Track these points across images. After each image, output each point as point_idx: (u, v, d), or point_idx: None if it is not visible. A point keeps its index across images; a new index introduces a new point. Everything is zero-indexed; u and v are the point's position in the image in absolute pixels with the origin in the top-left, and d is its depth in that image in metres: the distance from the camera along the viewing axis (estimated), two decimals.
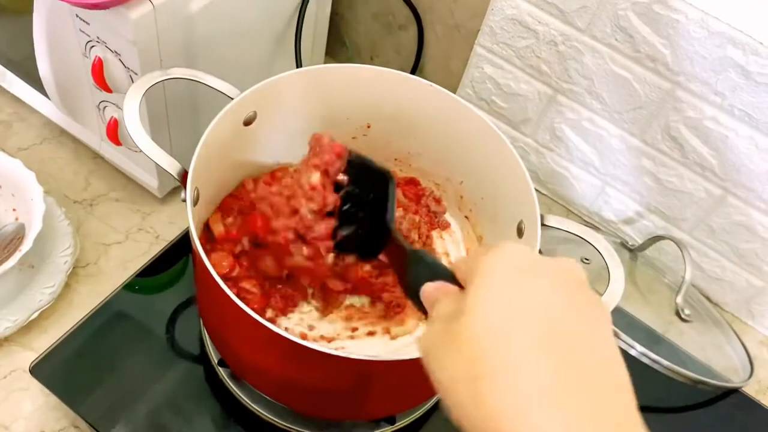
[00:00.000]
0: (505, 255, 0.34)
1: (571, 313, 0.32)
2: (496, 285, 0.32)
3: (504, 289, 0.32)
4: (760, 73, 0.63)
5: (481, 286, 0.33)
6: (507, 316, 0.31)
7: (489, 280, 0.33)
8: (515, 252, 0.34)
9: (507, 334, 0.31)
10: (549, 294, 0.32)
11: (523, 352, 0.30)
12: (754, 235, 0.74)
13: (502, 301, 0.32)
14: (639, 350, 0.69)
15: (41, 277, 0.68)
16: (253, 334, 0.51)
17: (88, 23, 0.60)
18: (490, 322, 0.31)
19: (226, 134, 0.57)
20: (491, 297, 0.32)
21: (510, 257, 0.34)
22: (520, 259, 0.33)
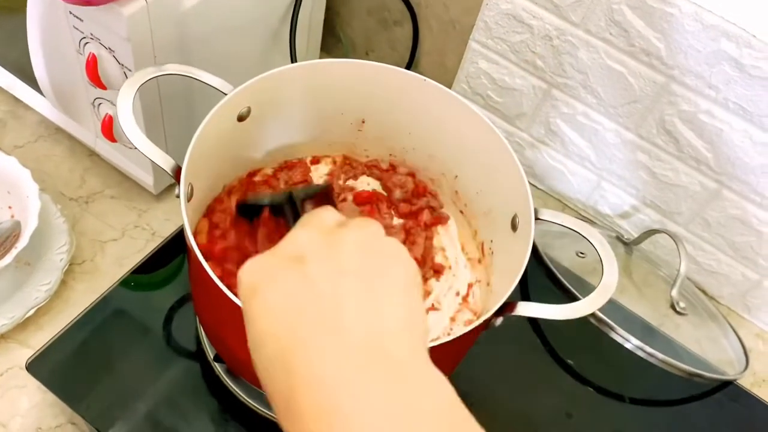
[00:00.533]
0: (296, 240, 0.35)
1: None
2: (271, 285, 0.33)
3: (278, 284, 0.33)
4: (753, 65, 0.63)
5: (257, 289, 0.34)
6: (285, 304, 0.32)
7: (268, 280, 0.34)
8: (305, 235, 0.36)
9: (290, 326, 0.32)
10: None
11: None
12: (749, 228, 0.74)
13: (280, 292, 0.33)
14: (634, 343, 0.69)
15: (37, 274, 0.68)
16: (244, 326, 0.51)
17: (81, 20, 0.60)
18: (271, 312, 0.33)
19: (220, 130, 0.57)
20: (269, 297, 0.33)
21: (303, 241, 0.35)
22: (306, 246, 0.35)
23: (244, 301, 0.34)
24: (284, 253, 0.35)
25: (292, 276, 0.33)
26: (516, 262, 0.53)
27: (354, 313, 0.32)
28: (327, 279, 0.33)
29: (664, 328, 0.74)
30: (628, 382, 0.72)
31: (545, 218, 0.56)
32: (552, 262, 0.75)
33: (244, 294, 0.34)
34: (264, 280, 0.33)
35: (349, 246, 0.34)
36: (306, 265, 0.33)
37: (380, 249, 0.35)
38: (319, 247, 0.34)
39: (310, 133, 0.68)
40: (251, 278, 0.34)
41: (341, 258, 0.34)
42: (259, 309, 0.33)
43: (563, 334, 0.74)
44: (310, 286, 0.32)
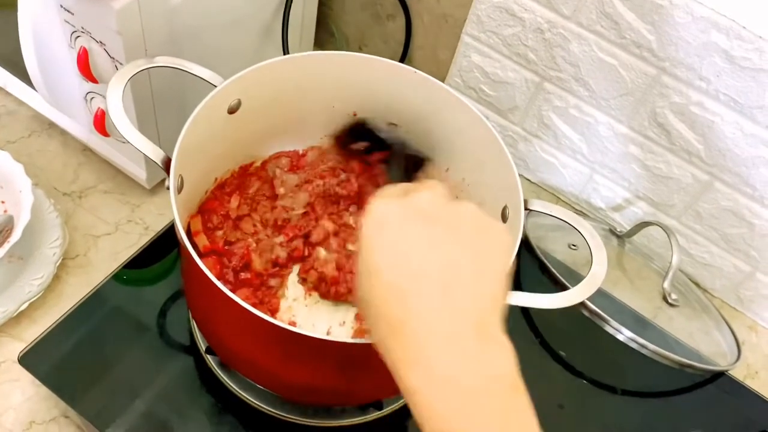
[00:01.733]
0: (399, 205, 0.39)
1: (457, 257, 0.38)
2: (385, 232, 0.38)
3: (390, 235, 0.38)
4: (744, 57, 0.64)
5: (372, 230, 0.39)
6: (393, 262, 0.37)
7: (380, 228, 0.39)
8: (411, 201, 0.39)
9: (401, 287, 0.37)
10: (436, 240, 0.38)
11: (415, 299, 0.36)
12: (741, 221, 0.74)
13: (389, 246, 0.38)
14: (627, 335, 0.69)
15: (30, 268, 0.68)
16: (239, 320, 0.51)
17: (72, 13, 0.60)
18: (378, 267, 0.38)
19: (210, 122, 0.57)
20: (379, 242, 0.38)
21: (404, 206, 0.39)
22: (413, 208, 0.39)
23: (369, 230, 0.38)
24: (412, 205, 0.39)
25: (420, 230, 0.38)
26: None
27: (462, 283, 0.36)
28: (446, 246, 0.37)
29: (656, 320, 0.74)
30: (620, 374, 0.72)
31: (535, 209, 0.56)
32: (544, 254, 0.75)
33: (371, 224, 0.39)
34: (394, 220, 0.38)
35: (467, 219, 0.39)
36: (432, 225, 0.38)
37: (490, 227, 0.40)
38: (444, 213, 0.39)
39: (302, 125, 0.68)
40: (382, 214, 0.39)
41: (461, 229, 0.38)
42: (381, 244, 0.38)
43: (556, 326, 0.74)
44: (430, 246, 0.37)
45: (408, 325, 0.35)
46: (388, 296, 0.37)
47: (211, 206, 0.64)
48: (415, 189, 0.41)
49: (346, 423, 0.63)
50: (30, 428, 0.62)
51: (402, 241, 0.37)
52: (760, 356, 0.78)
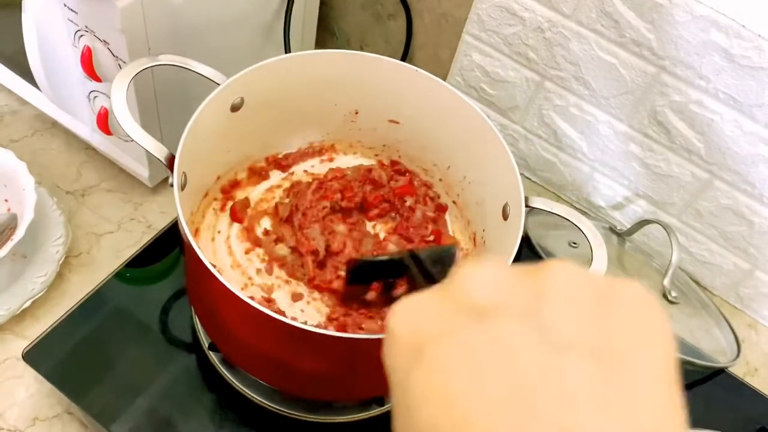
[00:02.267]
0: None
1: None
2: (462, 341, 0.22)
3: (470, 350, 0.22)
4: (743, 56, 0.64)
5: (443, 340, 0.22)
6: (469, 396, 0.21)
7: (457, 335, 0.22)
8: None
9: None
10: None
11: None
12: (740, 219, 0.74)
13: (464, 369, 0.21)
14: None
15: (33, 266, 0.68)
16: (242, 317, 0.51)
17: (75, 12, 0.60)
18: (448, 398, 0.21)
19: (213, 120, 0.57)
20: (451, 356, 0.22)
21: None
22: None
23: (401, 361, 0.23)
24: (460, 295, 0.23)
25: (480, 337, 0.21)
26: (507, 251, 0.54)
27: (593, 422, 0.19)
28: (540, 349, 0.21)
29: None
30: None
31: (536, 206, 0.56)
32: (545, 252, 0.75)
33: (400, 350, 0.23)
34: (434, 336, 0.22)
35: (564, 292, 0.22)
36: (498, 321, 0.21)
37: (615, 296, 0.23)
38: (512, 292, 0.22)
39: (304, 123, 0.68)
40: (411, 332, 0.23)
41: (557, 315, 0.21)
42: (427, 377, 0.21)
43: None
44: (512, 355, 0.21)
45: None
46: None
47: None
48: (463, 273, 0.24)
49: (348, 419, 0.63)
50: (33, 425, 0.62)
51: (459, 370, 0.21)
52: (759, 354, 0.79)
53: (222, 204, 0.67)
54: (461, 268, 0.24)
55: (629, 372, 0.20)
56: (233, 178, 0.68)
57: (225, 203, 0.67)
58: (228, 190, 0.67)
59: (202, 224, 0.65)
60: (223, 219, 0.66)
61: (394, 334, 0.24)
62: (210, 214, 0.66)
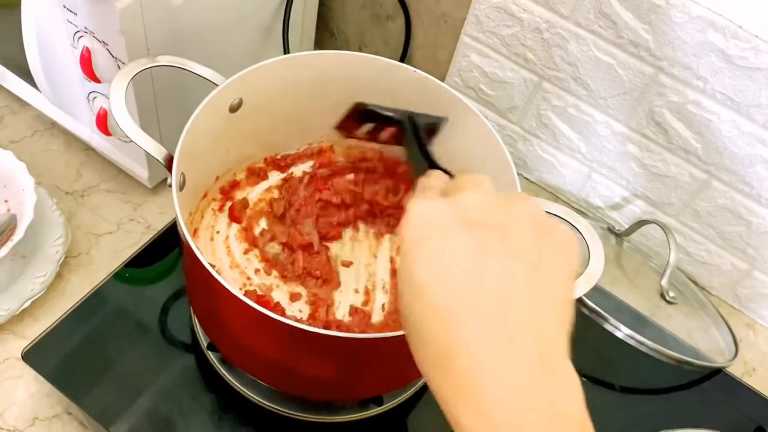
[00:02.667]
0: (457, 205, 0.34)
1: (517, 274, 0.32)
2: (436, 240, 0.33)
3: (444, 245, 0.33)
4: (740, 56, 0.64)
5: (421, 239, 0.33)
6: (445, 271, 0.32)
7: (432, 234, 0.33)
8: (469, 202, 0.34)
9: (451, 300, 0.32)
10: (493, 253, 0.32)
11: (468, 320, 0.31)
12: (738, 219, 0.75)
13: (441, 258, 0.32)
14: (625, 332, 0.69)
15: (33, 266, 0.68)
16: (241, 316, 0.51)
17: (75, 13, 0.61)
18: (429, 271, 0.32)
19: (211, 121, 0.57)
20: (429, 252, 0.33)
21: (462, 208, 0.34)
22: (473, 211, 0.34)
23: (411, 243, 0.33)
24: (458, 209, 0.34)
25: (465, 240, 0.32)
26: None
27: (521, 306, 0.31)
28: (499, 259, 0.32)
29: (655, 317, 0.74)
30: (618, 371, 0.73)
31: None
32: None
33: (411, 236, 0.33)
34: (435, 231, 0.33)
35: (523, 223, 0.33)
36: (480, 233, 0.32)
37: (551, 230, 0.34)
38: (496, 216, 0.33)
39: (302, 124, 0.69)
40: (424, 220, 0.34)
41: (515, 236, 0.33)
42: (423, 258, 0.32)
43: None
44: (481, 259, 0.32)
45: (459, 358, 0.30)
46: (434, 321, 0.31)
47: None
48: (459, 186, 0.35)
49: (346, 419, 0.63)
50: (33, 425, 0.63)
51: (448, 255, 0.32)
52: (757, 354, 0.79)
53: (221, 204, 0.67)
54: (466, 190, 0.35)
55: (548, 279, 0.32)
56: (232, 179, 0.68)
57: (224, 204, 0.67)
58: (227, 190, 0.67)
59: (200, 224, 0.65)
60: (222, 219, 0.67)
61: (409, 221, 0.34)
62: (209, 215, 0.66)
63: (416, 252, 0.33)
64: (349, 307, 0.63)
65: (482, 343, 0.30)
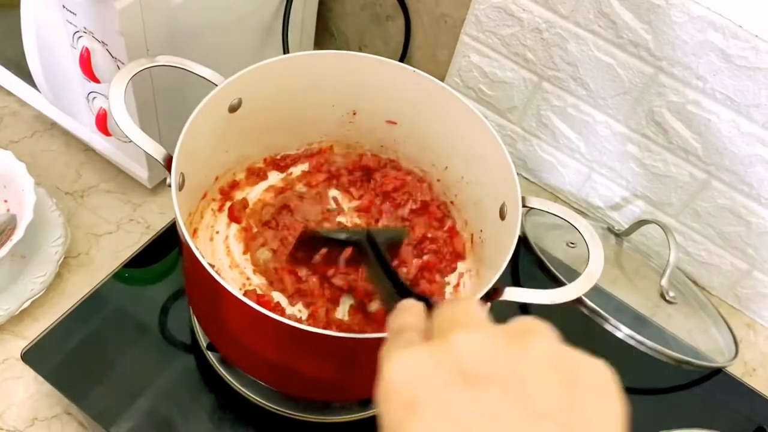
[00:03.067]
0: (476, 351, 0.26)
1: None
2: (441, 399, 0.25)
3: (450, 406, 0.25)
4: (740, 56, 0.64)
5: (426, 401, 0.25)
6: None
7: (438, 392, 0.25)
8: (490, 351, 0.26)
9: None
10: None
11: None
12: (738, 219, 0.75)
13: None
14: (625, 332, 0.69)
15: (32, 267, 0.68)
16: (240, 316, 0.51)
17: (74, 14, 0.61)
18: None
19: (211, 121, 0.58)
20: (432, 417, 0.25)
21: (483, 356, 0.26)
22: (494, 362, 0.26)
23: (397, 416, 0.26)
24: (451, 359, 0.26)
25: (468, 406, 0.24)
26: (504, 250, 0.54)
27: None
28: (520, 419, 0.24)
29: (655, 317, 0.74)
30: (618, 371, 0.71)
31: (532, 206, 0.56)
32: (543, 252, 0.75)
33: (394, 405, 0.26)
34: (429, 393, 0.25)
35: (543, 368, 0.26)
36: (487, 392, 0.25)
37: (579, 372, 0.26)
38: (502, 366, 0.26)
39: (302, 124, 0.69)
40: (405, 386, 0.26)
41: (535, 389, 0.25)
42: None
43: (555, 323, 0.74)
44: (496, 422, 0.24)
45: None
46: None
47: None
48: (446, 324, 0.28)
49: (346, 419, 0.63)
50: (33, 425, 0.63)
51: (445, 427, 0.24)
52: (757, 354, 0.79)
53: (220, 204, 0.67)
54: (457, 333, 0.27)
55: (587, 426, 0.24)
56: (232, 179, 0.68)
57: (223, 204, 0.67)
58: (227, 190, 0.67)
59: (200, 224, 0.65)
60: (222, 219, 0.67)
61: (391, 383, 0.26)
62: (208, 215, 0.66)
63: (407, 428, 0.25)
64: (349, 307, 0.63)
65: None
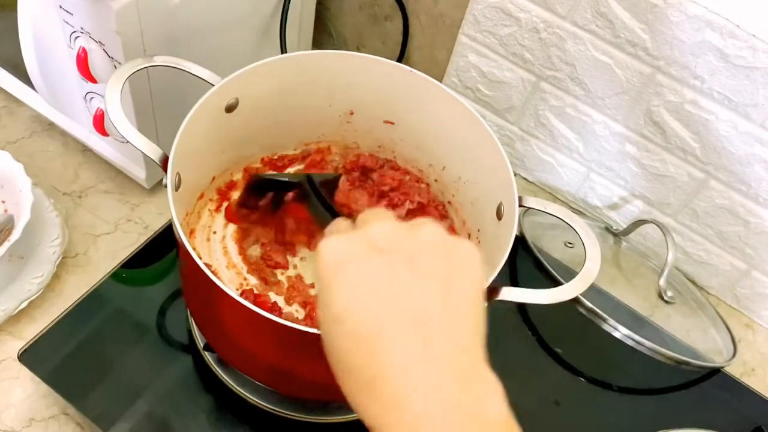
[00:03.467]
0: (361, 238, 0.35)
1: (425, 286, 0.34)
2: (351, 270, 0.34)
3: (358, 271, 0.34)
4: (737, 55, 0.64)
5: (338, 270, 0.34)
6: (367, 298, 0.33)
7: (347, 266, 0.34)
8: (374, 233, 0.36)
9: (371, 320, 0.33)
10: (402, 276, 0.34)
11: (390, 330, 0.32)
12: (736, 218, 0.74)
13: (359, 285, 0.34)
14: (623, 332, 0.69)
15: (30, 267, 0.68)
16: (236, 316, 0.51)
17: (71, 14, 0.60)
18: (353, 303, 0.33)
19: (207, 121, 0.57)
20: (349, 281, 0.34)
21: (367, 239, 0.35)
22: (376, 240, 0.35)
23: (326, 275, 0.34)
24: (367, 238, 0.35)
25: (378, 266, 0.34)
26: (502, 250, 0.54)
27: (436, 321, 0.33)
28: (410, 276, 0.34)
29: (653, 318, 0.74)
30: (616, 371, 0.73)
31: (529, 206, 0.56)
32: (541, 252, 0.75)
33: (326, 268, 0.35)
34: (348, 258, 0.34)
35: (427, 244, 0.35)
36: (390, 258, 0.34)
37: (454, 246, 0.36)
38: (401, 241, 0.35)
39: (299, 124, 0.68)
40: (334, 255, 0.35)
41: (423, 258, 0.34)
42: (342, 283, 0.34)
43: (552, 323, 0.75)
44: (394, 277, 0.33)
45: (380, 381, 0.31)
46: (354, 347, 0.33)
47: None
48: (365, 220, 0.38)
49: (343, 419, 0.63)
50: (30, 425, 0.63)
51: (364, 280, 0.34)
52: (756, 354, 0.79)
53: (217, 205, 0.67)
54: (371, 222, 0.37)
55: (458, 292, 0.34)
56: (229, 179, 0.68)
57: (220, 204, 0.67)
58: (224, 191, 0.67)
59: (197, 225, 0.65)
60: (219, 219, 0.66)
61: (324, 255, 0.35)
62: (205, 215, 0.66)
63: (333, 281, 0.34)
64: None
65: (401, 363, 0.31)
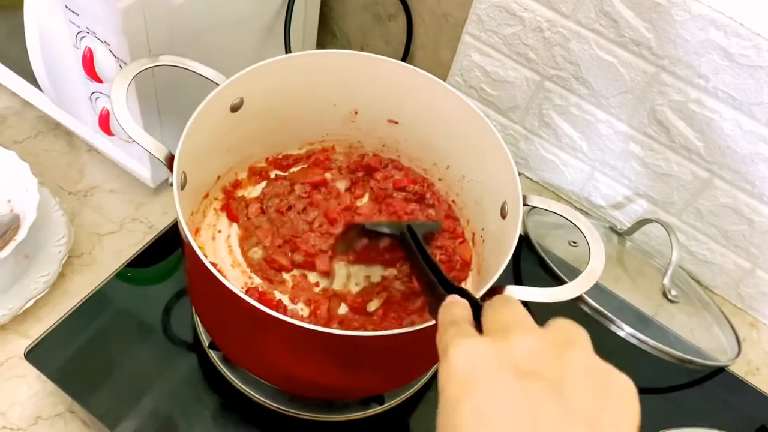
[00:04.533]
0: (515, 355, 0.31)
1: None
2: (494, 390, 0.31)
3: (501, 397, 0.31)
4: (741, 54, 0.64)
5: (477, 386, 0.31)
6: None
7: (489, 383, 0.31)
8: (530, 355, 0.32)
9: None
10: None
11: None
12: (740, 217, 0.74)
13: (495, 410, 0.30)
14: (627, 331, 0.69)
15: (36, 266, 0.69)
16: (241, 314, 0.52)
17: (77, 14, 0.61)
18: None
19: (213, 120, 0.58)
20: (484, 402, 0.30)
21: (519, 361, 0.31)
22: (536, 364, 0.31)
23: (455, 389, 0.31)
24: (508, 354, 0.32)
25: (517, 388, 0.30)
26: (506, 249, 0.54)
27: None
28: (555, 414, 0.30)
29: (658, 317, 0.74)
30: (621, 370, 0.72)
31: (533, 204, 0.56)
32: (545, 251, 0.75)
33: (456, 381, 0.31)
34: (484, 375, 0.31)
35: (578, 372, 0.31)
36: (533, 386, 0.30)
37: (610, 382, 0.32)
38: (548, 368, 0.31)
39: (303, 124, 0.69)
40: (470, 369, 0.31)
41: (572, 392, 0.30)
42: (472, 411, 0.30)
43: None
44: (536, 415, 0.29)
45: None
46: None
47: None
48: (503, 325, 0.34)
49: (348, 417, 0.63)
50: (36, 423, 0.63)
51: (498, 410, 0.30)
52: (760, 353, 0.79)
53: (223, 204, 0.67)
54: (516, 334, 0.33)
55: (607, 427, 0.30)
56: (234, 178, 0.68)
57: (226, 203, 0.67)
58: (229, 190, 0.68)
59: (202, 224, 0.65)
60: (224, 218, 0.67)
61: (456, 366, 0.32)
62: (211, 214, 0.66)
63: (461, 402, 0.30)
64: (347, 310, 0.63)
65: None
